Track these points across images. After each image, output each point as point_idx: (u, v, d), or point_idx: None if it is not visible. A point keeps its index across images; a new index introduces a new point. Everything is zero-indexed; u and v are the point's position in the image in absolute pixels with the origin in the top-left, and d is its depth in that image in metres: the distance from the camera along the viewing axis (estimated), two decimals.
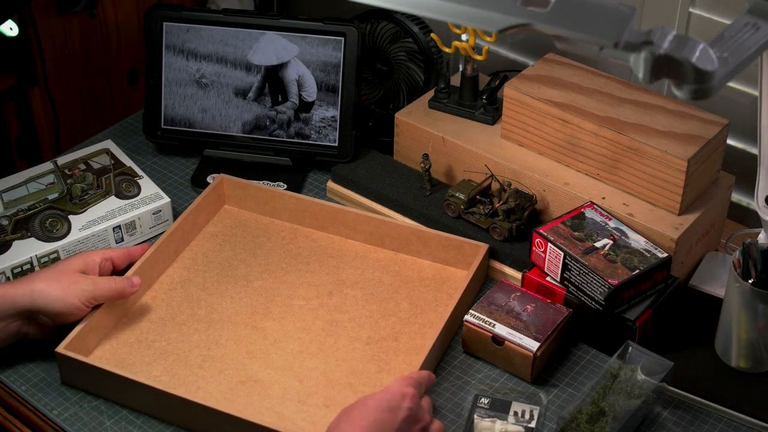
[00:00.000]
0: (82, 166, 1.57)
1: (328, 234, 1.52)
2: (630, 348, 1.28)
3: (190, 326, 1.37)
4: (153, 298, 1.41)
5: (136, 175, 1.56)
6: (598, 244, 1.34)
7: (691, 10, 1.53)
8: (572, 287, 1.34)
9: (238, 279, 1.44)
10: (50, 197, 1.51)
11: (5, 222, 1.46)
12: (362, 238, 1.50)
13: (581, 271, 1.32)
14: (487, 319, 1.32)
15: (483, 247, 1.42)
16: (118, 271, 1.39)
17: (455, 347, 1.36)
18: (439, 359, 1.33)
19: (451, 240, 1.44)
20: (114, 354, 1.33)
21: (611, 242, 1.35)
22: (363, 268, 1.46)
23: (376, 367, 1.31)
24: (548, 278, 1.37)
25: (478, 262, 1.40)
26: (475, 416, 1.25)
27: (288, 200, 1.53)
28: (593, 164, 1.44)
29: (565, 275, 1.34)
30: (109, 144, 1.63)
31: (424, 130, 1.56)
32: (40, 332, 1.31)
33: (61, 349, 1.27)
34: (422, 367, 1.25)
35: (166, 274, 1.45)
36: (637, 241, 1.35)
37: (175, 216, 1.54)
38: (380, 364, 1.32)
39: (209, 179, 1.62)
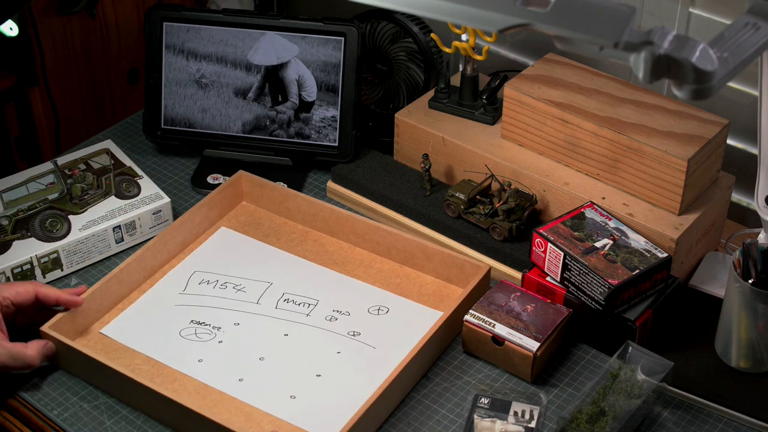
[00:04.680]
0: (82, 166, 1.57)
1: (337, 240, 1.51)
2: (630, 348, 1.28)
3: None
4: (152, 287, 1.42)
5: (136, 175, 1.56)
6: (598, 244, 1.34)
7: (691, 10, 1.53)
8: (572, 287, 1.34)
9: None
10: (50, 197, 1.51)
11: (5, 222, 1.46)
12: (369, 247, 1.49)
13: (581, 271, 1.32)
14: (487, 319, 1.32)
15: (483, 268, 1.40)
16: (26, 308, 1.33)
17: (455, 347, 1.36)
18: (417, 377, 1.31)
19: (454, 258, 1.42)
20: (101, 338, 1.35)
21: (611, 242, 1.35)
22: (365, 278, 1.45)
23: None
24: (548, 278, 1.37)
25: (475, 282, 1.38)
26: (475, 416, 1.25)
27: (301, 202, 1.52)
28: (593, 164, 1.44)
29: (565, 275, 1.34)
30: (109, 144, 1.63)
31: (424, 130, 1.56)
32: None
33: (45, 328, 1.29)
34: (396, 380, 1.25)
35: (169, 264, 1.46)
36: (637, 241, 1.35)
37: (175, 216, 1.54)
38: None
39: (209, 179, 1.62)
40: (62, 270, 1.46)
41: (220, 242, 1.51)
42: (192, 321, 1.38)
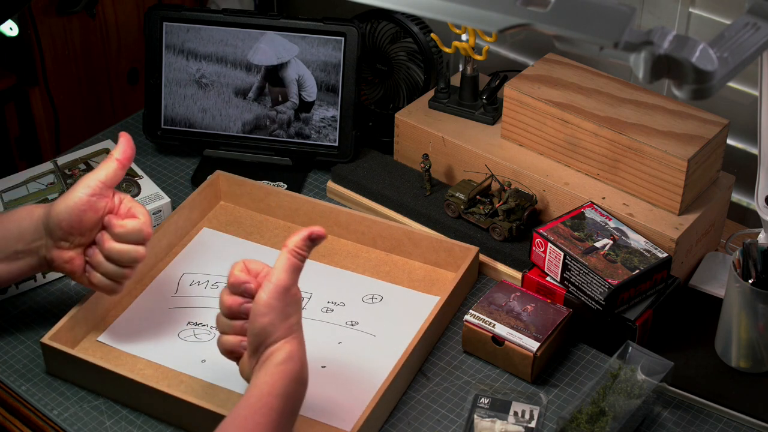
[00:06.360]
0: (82, 166, 1.57)
1: None
2: (630, 348, 1.28)
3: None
4: (142, 292, 1.42)
5: (136, 175, 1.56)
6: (598, 244, 1.34)
7: (691, 10, 1.53)
8: (572, 287, 1.34)
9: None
10: (50, 197, 1.51)
11: None
12: (354, 237, 1.50)
13: (581, 271, 1.32)
14: (487, 319, 1.32)
15: (473, 250, 1.42)
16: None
17: (455, 347, 1.36)
18: (422, 360, 1.33)
19: (442, 242, 1.44)
20: (100, 346, 1.34)
21: (611, 242, 1.35)
22: (353, 268, 1.46)
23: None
24: (548, 278, 1.37)
25: (466, 264, 1.40)
26: (475, 416, 1.25)
27: (283, 198, 1.53)
28: (593, 164, 1.44)
29: (565, 275, 1.34)
30: (109, 144, 1.63)
31: (424, 130, 1.56)
32: (62, 258, 1.26)
33: (46, 339, 1.28)
34: (402, 368, 1.26)
35: (157, 268, 1.45)
36: (637, 241, 1.35)
37: None
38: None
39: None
40: None
41: (204, 243, 1.50)
42: (189, 322, 1.38)
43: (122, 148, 1.27)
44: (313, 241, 1.14)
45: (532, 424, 1.24)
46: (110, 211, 1.26)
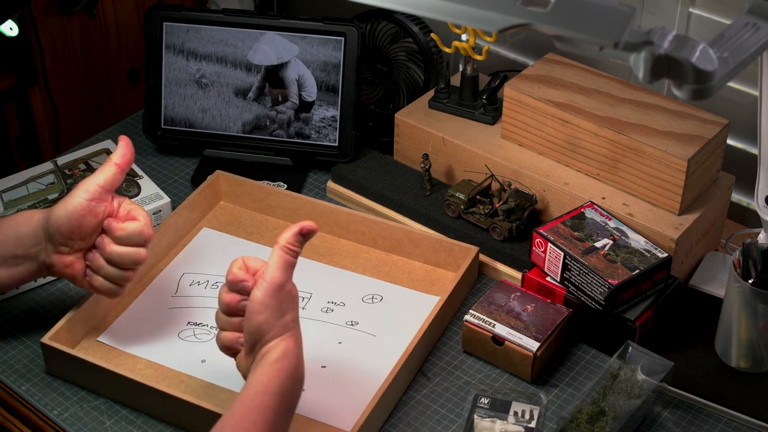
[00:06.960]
0: (82, 166, 1.57)
1: (321, 233, 1.52)
2: (630, 348, 1.28)
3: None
4: (142, 292, 1.42)
5: (136, 175, 1.56)
6: (598, 244, 1.34)
7: (691, 10, 1.53)
8: (572, 287, 1.34)
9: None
10: (50, 197, 1.51)
11: None
12: (355, 237, 1.50)
13: (581, 271, 1.32)
14: (487, 319, 1.32)
15: (473, 250, 1.42)
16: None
17: (455, 347, 1.36)
18: (422, 360, 1.33)
19: (442, 242, 1.44)
20: (100, 346, 1.34)
21: (611, 242, 1.35)
22: (353, 268, 1.46)
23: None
24: (548, 278, 1.37)
25: (466, 264, 1.40)
26: (475, 416, 1.25)
27: (283, 198, 1.53)
28: (593, 164, 1.44)
29: (565, 275, 1.34)
30: (109, 144, 1.63)
31: (424, 130, 1.56)
32: (62, 263, 1.26)
33: (46, 339, 1.28)
34: (402, 368, 1.26)
35: (157, 268, 1.45)
36: (637, 241, 1.35)
37: None
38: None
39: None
40: None
41: (204, 243, 1.50)
42: (189, 323, 1.37)
43: (121, 152, 1.27)
44: (304, 236, 1.14)
45: (532, 424, 1.24)
46: (110, 214, 1.26)
